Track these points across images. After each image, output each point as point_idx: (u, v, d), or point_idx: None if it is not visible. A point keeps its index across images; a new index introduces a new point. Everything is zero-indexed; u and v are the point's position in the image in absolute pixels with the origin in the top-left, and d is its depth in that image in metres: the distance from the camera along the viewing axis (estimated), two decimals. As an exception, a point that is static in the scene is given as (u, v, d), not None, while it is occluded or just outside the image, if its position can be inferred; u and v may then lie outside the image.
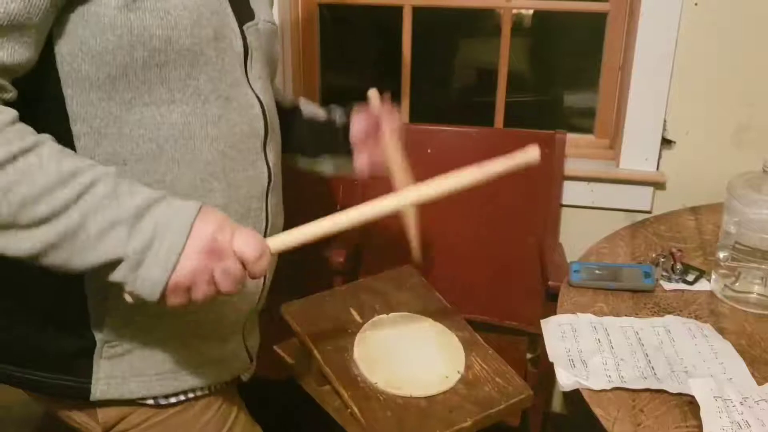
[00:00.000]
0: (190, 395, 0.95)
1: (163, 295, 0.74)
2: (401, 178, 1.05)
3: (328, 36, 2.03)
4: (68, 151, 0.75)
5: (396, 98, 1.97)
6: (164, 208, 0.75)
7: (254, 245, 0.77)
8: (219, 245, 0.75)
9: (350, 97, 1.19)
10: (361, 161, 1.11)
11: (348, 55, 2.18)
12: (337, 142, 1.13)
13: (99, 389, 0.88)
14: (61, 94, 0.78)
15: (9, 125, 0.71)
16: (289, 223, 0.87)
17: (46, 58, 0.76)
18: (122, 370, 0.89)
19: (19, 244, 0.71)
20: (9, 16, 0.70)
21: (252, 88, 0.92)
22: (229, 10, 0.88)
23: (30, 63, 0.74)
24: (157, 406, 0.93)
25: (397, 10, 1.92)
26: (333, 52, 2.06)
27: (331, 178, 1.15)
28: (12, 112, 0.72)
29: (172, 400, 0.94)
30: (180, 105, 0.83)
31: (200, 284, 0.75)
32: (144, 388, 0.90)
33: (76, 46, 0.76)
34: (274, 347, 1.27)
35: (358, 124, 1.12)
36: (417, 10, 1.91)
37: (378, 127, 1.10)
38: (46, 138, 0.74)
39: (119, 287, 0.76)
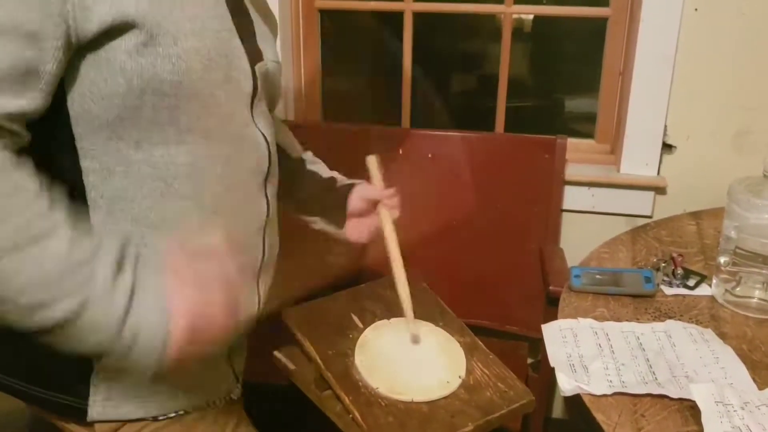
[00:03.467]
0: (181, 412, 0.96)
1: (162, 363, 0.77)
2: (393, 246, 1.12)
3: (329, 42, 2.04)
4: (76, 237, 0.75)
5: (396, 101, 1.98)
6: (144, 301, 0.76)
7: (232, 281, 0.80)
8: (201, 296, 0.78)
9: (351, 101, 1.20)
10: (351, 229, 1.16)
11: (349, 60, 2.18)
12: (334, 203, 1.16)
13: (95, 410, 0.90)
14: (71, 132, 0.79)
15: (38, 196, 0.72)
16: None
17: (58, 99, 0.77)
18: (117, 392, 0.90)
19: (13, 320, 0.72)
20: (25, 64, 0.71)
21: (257, 126, 0.93)
22: (242, 51, 0.89)
23: (44, 108, 0.75)
24: (153, 419, 0.94)
25: (398, 16, 1.92)
26: (334, 58, 2.07)
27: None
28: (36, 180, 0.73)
29: (171, 415, 0.95)
30: (189, 145, 0.83)
31: (204, 332, 0.78)
32: (138, 409, 0.92)
33: (86, 88, 0.77)
34: (275, 353, 1.27)
35: (357, 195, 1.16)
36: (417, 16, 1.92)
37: (376, 203, 1.15)
38: (63, 219, 0.74)
39: None
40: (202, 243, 0.83)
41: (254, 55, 0.93)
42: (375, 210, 1.16)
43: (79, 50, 0.76)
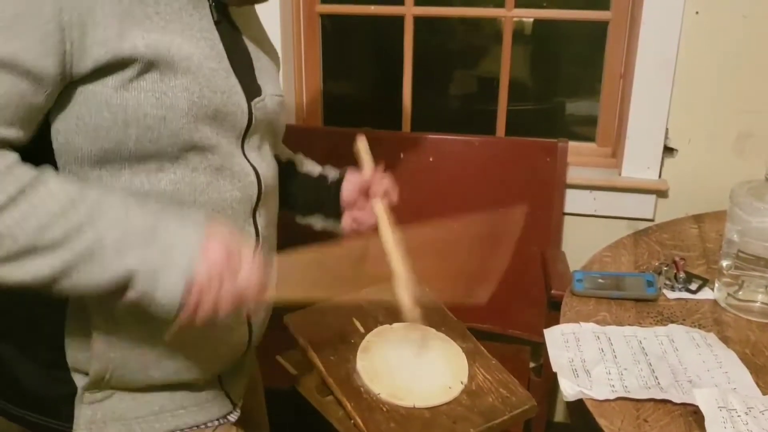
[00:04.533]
0: None
1: (180, 307, 0.77)
2: (389, 239, 1.09)
3: (330, 46, 2.04)
4: (69, 178, 0.78)
5: (398, 106, 1.98)
6: (175, 224, 0.78)
7: (255, 267, 0.81)
8: (230, 253, 0.79)
9: (353, 106, 1.20)
10: (347, 221, 1.14)
11: (350, 64, 2.18)
12: (328, 200, 1.15)
13: None
14: (54, 162, 0.80)
15: (14, 165, 0.74)
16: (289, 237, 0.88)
17: (42, 130, 0.78)
18: (102, 414, 0.90)
19: (40, 269, 0.73)
20: (19, 97, 0.73)
21: (247, 158, 0.93)
22: (239, 88, 0.90)
23: (28, 139, 0.77)
24: None
25: (399, 20, 1.92)
26: (335, 62, 2.07)
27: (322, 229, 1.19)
28: (13, 155, 0.75)
29: None
30: (168, 174, 0.84)
31: (211, 292, 0.78)
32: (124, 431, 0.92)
33: (72, 122, 0.78)
34: (277, 357, 1.27)
35: (348, 185, 1.14)
36: (418, 20, 1.92)
37: (368, 188, 1.12)
38: (49, 168, 0.77)
39: (101, 332, 0.84)
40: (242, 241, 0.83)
41: (252, 92, 0.93)
42: (369, 196, 1.13)
43: (68, 89, 0.77)
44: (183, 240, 0.78)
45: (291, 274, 0.96)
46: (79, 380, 0.89)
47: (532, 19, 2.00)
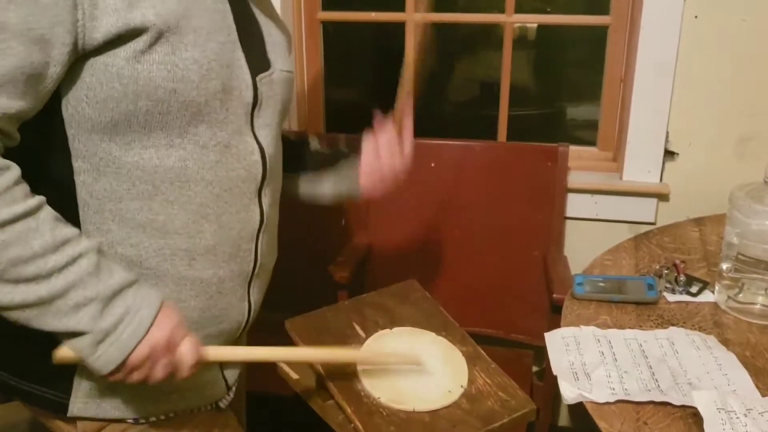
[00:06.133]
0: (162, 417, 0.97)
1: (111, 373, 0.81)
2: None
3: (332, 52, 2.05)
4: (60, 217, 0.79)
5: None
6: (134, 294, 0.81)
7: (194, 355, 0.86)
8: (172, 342, 0.83)
9: (354, 111, 1.20)
10: (366, 179, 1.13)
11: (351, 70, 2.19)
12: (344, 160, 1.14)
13: (77, 406, 0.91)
14: (64, 133, 0.81)
15: (13, 185, 0.75)
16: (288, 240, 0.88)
17: (52, 101, 0.79)
18: (99, 391, 0.91)
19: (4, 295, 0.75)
20: (31, 67, 0.73)
21: (255, 136, 0.93)
22: (243, 62, 0.90)
23: (38, 109, 0.77)
24: (134, 421, 0.95)
25: (400, 26, 1.93)
26: (337, 68, 2.08)
27: (333, 203, 1.17)
28: (16, 170, 0.76)
29: (152, 419, 0.96)
30: (178, 150, 0.84)
31: (143, 369, 0.82)
32: (119, 410, 0.93)
33: (82, 92, 0.78)
34: (278, 362, 1.27)
35: (369, 144, 1.14)
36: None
37: (389, 143, 1.12)
38: (43, 202, 0.78)
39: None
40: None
41: (258, 66, 0.93)
42: (388, 153, 1.12)
43: (80, 60, 0.77)
44: (136, 315, 0.80)
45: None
46: None
47: (535, 25, 2.01)
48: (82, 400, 0.91)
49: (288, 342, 1.24)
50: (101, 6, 0.74)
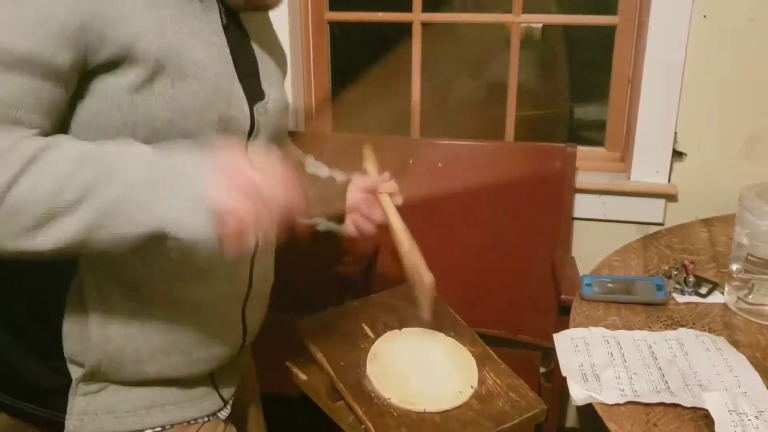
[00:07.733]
0: (158, 429, 0.96)
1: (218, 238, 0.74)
2: (401, 237, 1.11)
3: (339, 52, 2.05)
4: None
5: (407, 110, 1.98)
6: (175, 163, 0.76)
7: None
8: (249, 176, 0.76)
9: (357, 113, 1.20)
10: (350, 224, 1.15)
11: (358, 71, 2.19)
12: (335, 200, 1.16)
13: (72, 423, 0.91)
14: None
15: (25, 138, 0.73)
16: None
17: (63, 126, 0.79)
18: (95, 407, 0.91)
19: (64, 233, 0.72)
20: (37, 91, 0.73)
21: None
22: (241, 93, 0.90)
23: (63, 104, 0.77)
24: None
25: (407, 26, 1.93)
26: (343, 69, 2.08)
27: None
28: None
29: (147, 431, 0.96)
30: None
31: (246, 216, 0.75)
32: (116, 425, 0.92)
33: (84, 121, 0.79)
34: (287, 363, 1.27)
35: (354, 188, 1.15)
36: (426, 26, 1.93)
37: (374, 190, 1.14)
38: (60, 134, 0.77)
39: (99, 325, 0.85)
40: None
41: (254, 96, 0.94)
42: (374, 200, 1.14)
43: (83, 79, 0.78)
44: (185, 176, 0.75)
45: None
46: (75, 371, 0.90)
47: (540, 25, 2.01)
48: (77, 417, 0.91)
49: (297, 344, 1.24)
50: (109, 34, 0.75)
